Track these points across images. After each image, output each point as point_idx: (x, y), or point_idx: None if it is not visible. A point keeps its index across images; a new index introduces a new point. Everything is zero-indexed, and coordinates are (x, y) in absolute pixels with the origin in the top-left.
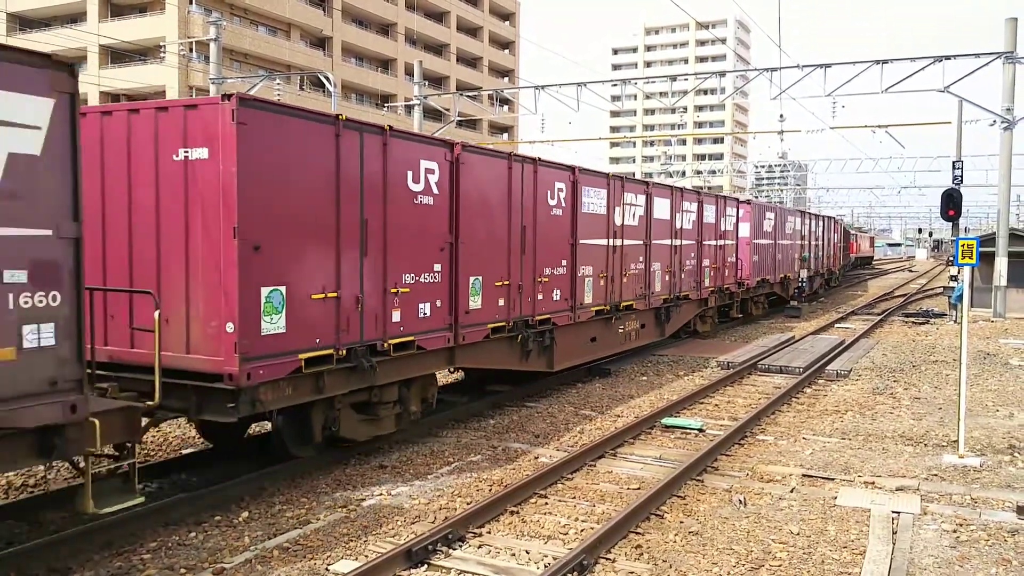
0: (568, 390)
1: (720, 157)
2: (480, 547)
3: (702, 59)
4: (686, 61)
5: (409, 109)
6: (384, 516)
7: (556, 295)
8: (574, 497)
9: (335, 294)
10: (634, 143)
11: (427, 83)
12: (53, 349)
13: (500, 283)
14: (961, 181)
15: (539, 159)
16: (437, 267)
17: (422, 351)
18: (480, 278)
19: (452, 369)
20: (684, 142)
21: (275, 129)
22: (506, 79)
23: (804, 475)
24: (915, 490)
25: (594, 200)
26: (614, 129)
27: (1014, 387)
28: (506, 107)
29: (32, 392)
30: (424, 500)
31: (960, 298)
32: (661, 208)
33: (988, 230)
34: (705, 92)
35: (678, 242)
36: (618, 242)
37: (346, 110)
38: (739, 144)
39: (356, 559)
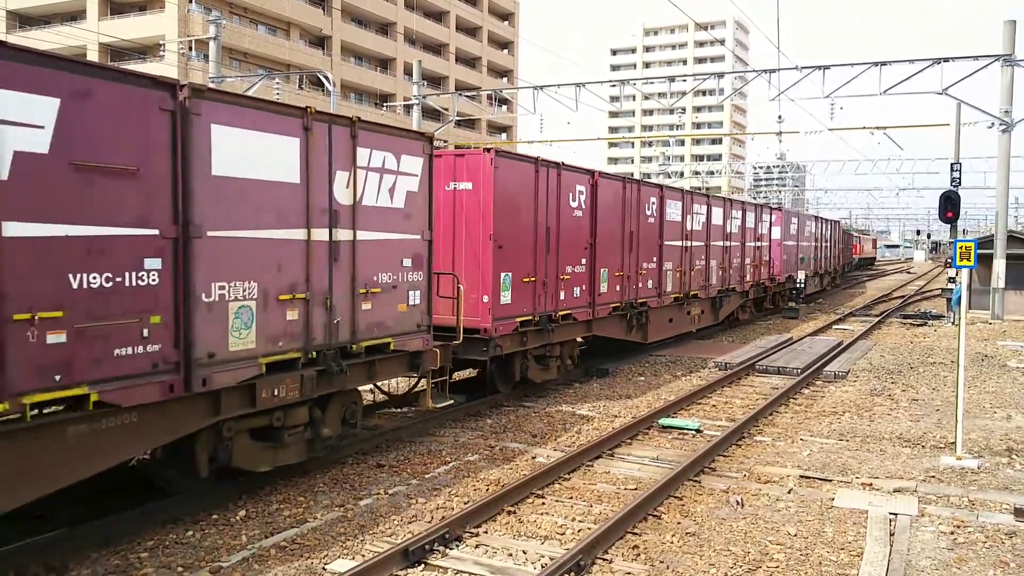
0: (565, 390)
1: (718, 158)
2: (477, 547)
3: (701, 60)
4: (685, 62)
5: (408, 109)
6: (381, 515)
7: (650, 284)
8: (571, 497)
9: (533, 278)
10: (632, 143)
11: (426, 83)
12: (419, 306)
13: (618, 273)
14: (959, 183)
15: (642, 180)
16: (583, 261)
17: (575, 321)
18: (607, 269)
19: (586, 336)
20: (682, 143)
21: (508, 169)
22: (505, 79)
23: (802, 476)
24: (913, 492)
25: (673, 210)
26: (613, 129)
27: (1012, 389)
28: (505, 107)
29: (410, 331)
30: (421, 499)
31: (958, 300)
32: (716, 215)
33: (986, 232)
34: (704, 93)
35: (728, 244)
36: (688, 243)
37: (345, 109)
38: (737, 145)
39: (353, 558)
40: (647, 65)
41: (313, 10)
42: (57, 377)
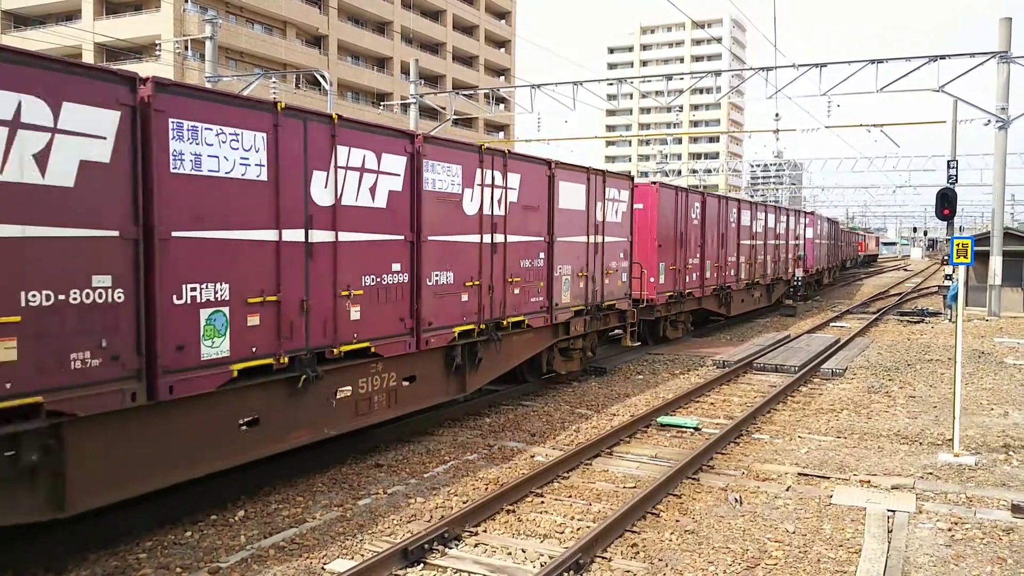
0: (564, 388)
1: (716, 156)
2: (476, 546)
3: (698, 58)
4: (682, 60)
5: (405, 108)
6: (380, 515)
7: (732, 273)
8: (570, 496)
9: (675, 267)
10: (630, 142)
11: (423, 82)
12: (626, 282)
13: (716, 264)
14: (956, 180)
15: (728, 196)
16: (697, 256)
17: (693, 297)
18: (710, 261)
19: (695, 309)
20: (680, 141)
21: (663, 194)
22: (502, 78)
23: (800, 474)
24: (910, 489)
25: (745, 217)
26: (610, 128)
27: (1009, 386)
28: (502, 106)
29: (622, 298)
30: (420, 499)
31: (955, 297)
32: (771, 220)
33: (983, 229)
34: (701, 91)
35: (778, 242)
36: (754, 242)
37: (342, 109)
38: (735, 143)
39: (352, 558)
40: (644, 63)
41: (309, 9)
42: (515, 310)
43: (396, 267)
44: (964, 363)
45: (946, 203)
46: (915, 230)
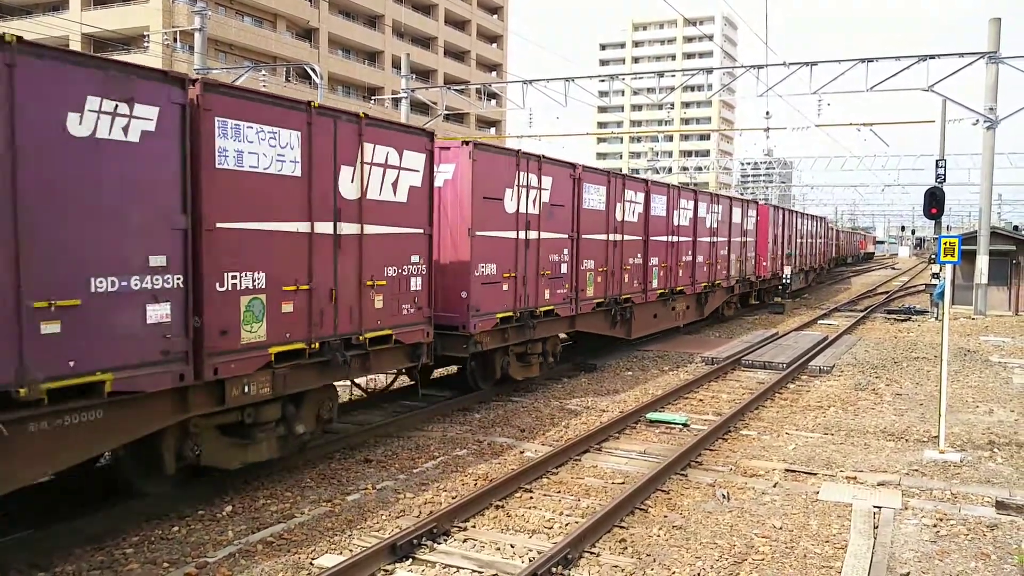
0: (553, 385)
1: (706, 154)
2: (465, 541)
3: (689, 56)
4: (673, 57)
5: (396, 102)
6: (369, 510)
7: (793, 260)
8: (559, 491)
9: (773, 256)
10: (621, 139)
11: (414, 76)
12: (753, 265)
13: (788, 255)
14: (944, 180)
15: (802, 212)
16: (780, 250)
17: (778, 277)
18: (782, 252)
19: (777, 284)
20: (671, 138)
21: (771, 209)
22: (494, 73)
23: (787, 470)
24: (896, 485)
25: (801, 223)
26: (601, 125)
27: (994, 383)
28: (493, 101)
29: (751, 274)
30: (409, 494)
31: (942, 295)
32: (809, 224)
33: (970, 228)
34: (692, 89)
35: (816, 240)
36: (802, 240)
37: (332, 103)
38: (725, 141)
39: (340, 553)
40: (636, 60)
41: (300, 1)
42: (716, 277)
43: (688, 253)
44: (950, 361)
45: (934, 202)
46: (903, 229)
